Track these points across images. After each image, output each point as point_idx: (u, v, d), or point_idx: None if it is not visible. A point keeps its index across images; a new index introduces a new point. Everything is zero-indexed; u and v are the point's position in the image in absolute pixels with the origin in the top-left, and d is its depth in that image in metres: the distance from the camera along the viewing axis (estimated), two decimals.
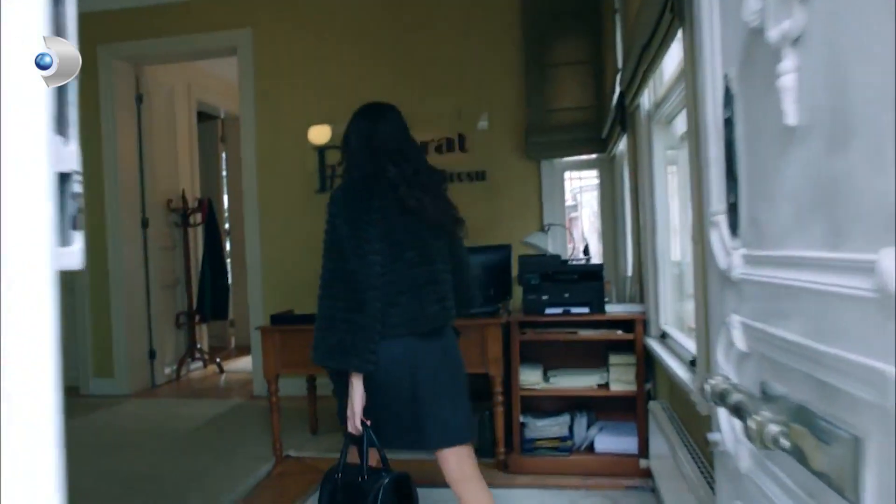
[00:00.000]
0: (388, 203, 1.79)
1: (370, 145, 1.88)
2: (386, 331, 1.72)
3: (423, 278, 1.80)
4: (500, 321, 3.09)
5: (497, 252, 3.41)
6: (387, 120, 1.93)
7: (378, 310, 1.70)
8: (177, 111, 6.03)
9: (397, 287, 1.76)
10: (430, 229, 1.85)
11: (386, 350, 1.73)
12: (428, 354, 1.81)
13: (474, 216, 4.75)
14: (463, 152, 4.64)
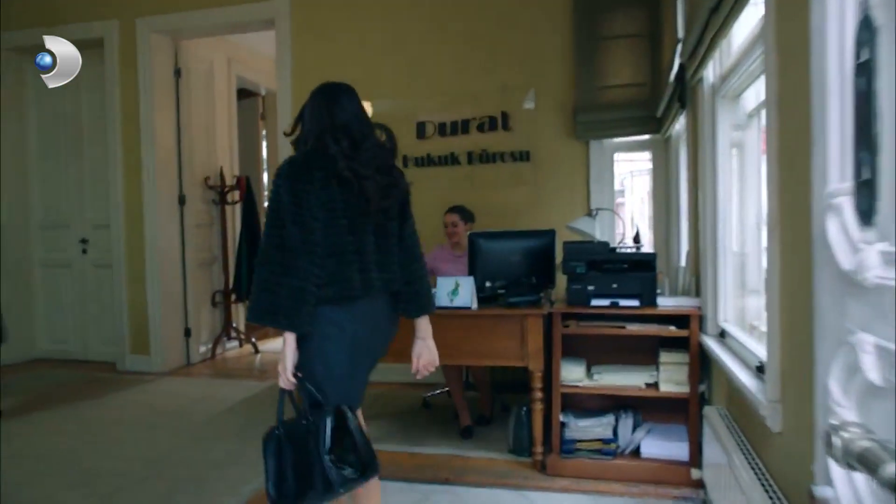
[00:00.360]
0: (329, 174, 1.87)
1: (320, 122, 1.97)
2: (321, 293, 1.81)
3: (352, 246, 1.89)
4: (541, 312, 2.86)
5: (540, 237, 3.17)
6: (339, 101, 2.01)
7: (312, 274, 1.80)
8: (216, 87, 5.93)
9: (328, 251, 1.85)
10: (368, 203, 1.92)
11: (329, 314, 1.85)
12: (364, 317, 1.92)
13: (516, 199, 4.55)
14: (506, 131, 4.39)
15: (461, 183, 4.46)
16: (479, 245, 3.13)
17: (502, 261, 3.11)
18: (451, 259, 3.72)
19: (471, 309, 2.93)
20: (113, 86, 5.19)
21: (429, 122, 4.52)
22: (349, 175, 1.87)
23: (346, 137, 1.92)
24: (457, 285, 2.96)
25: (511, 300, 2.95)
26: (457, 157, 4.47)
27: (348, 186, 1.88)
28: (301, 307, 1.78)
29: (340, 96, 2.03)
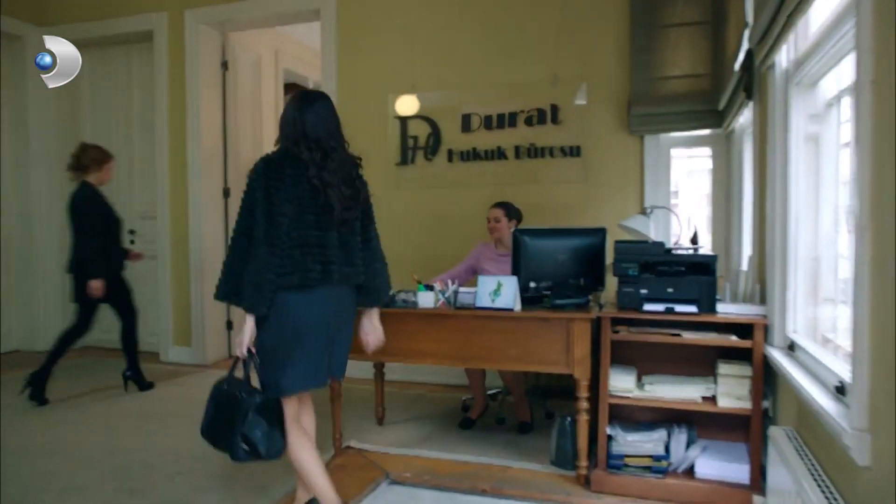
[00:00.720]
0: (299, 174, 2.07)
1: (295, 129, 2.14)
2: (280, 280, 2.01)
3: (315, 241, 2.08)
4: (589, 315, 2.67)
5: (590, 235, 2.97)
6: (314, 109, 2.17)
7: (273, 263, 2.00)
8: (263, 79, 5.91)
9: (293, 242, 2.04)
10: (333, 211, 2.12)
11: (289, 299, 2.05)
12: (322, 302, 2.12)
13: (566, 195, 4.34)
14: (556, 125, 4.19)
15: (508, 178, 4.28)
16: (524, 243, 2.95)
17: (548, 260, 2.92)
18: (493, 258, 3.55)
19: (513, 311, 2.76)
20: (161, 78, 5.21)
21: (474, 115, 4.36)
22: (317, 183, 2.08)
23: (318, 148, 2.10)
24: (499, 285, 2.80)
25: (557, 302, 2.77)
26: (504, 151, 4.30)
27: (316, 190, 2.08)
28: (260, 293, 2.00)
29: (316, 105, 2.19)
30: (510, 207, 3.57)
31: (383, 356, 3.05)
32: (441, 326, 2.88)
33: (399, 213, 4.56)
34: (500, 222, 3.51)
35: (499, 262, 3.50)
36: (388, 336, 2.96)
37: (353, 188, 2.19)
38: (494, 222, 3.52)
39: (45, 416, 3.75)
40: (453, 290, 2.91)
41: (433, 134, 4.47)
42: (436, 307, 2.89)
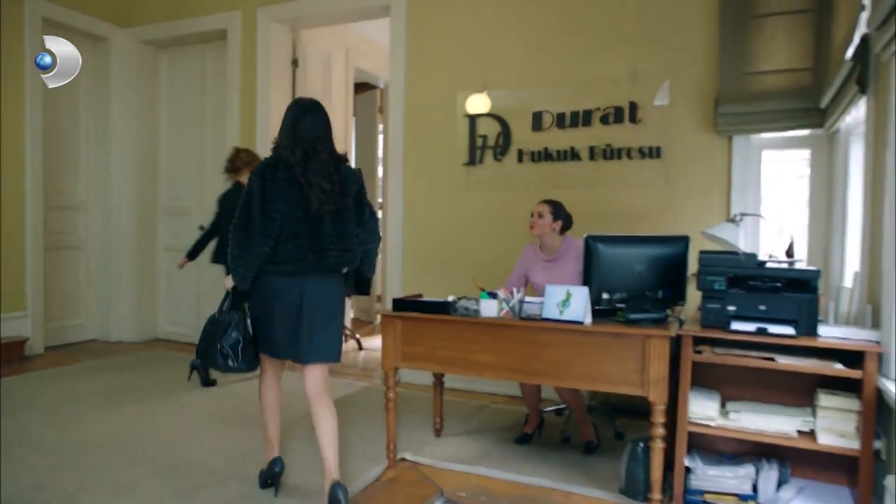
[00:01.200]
0: (290, 176, 2.36)
1: (289, 134, 2.43)
2: (277, 267, 2.39)
3: (306, 233, 2.38)
4: (668, 333, 2.40)
5: (670, 244, 2.70)
6: (305, 116, 2.45)
7: (260, 251, 2.36)
8: (333, 77, 5.88)
9: (286, 235, 2.37)
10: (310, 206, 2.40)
11: (277, 282, 2.41)
12: (309, 289, 2.42)
13: (644, 200, 4.04)
14: (634, 124, 3.90)
15: (581, 181, 4.03)
16: (596, 250, 2.71)
17: (624, 270, 2.66)
18: (541, 265, 3.30)
19: (583, 324, 2.52)
20: (233, 76, 5.26)
21: (546, 113, 4.13)
22: (303, 181, 2.35)
23: (301, 150, 2.37)
24: (568, 296, 2.57)
25: (632, 317, 2.51)
26: (577, 152, 4.05)
27: (303, 188, 2.36)
28: (248, 275, 2.39)
29: (306, 113, 2.45)
30: (559, 207, 3.28)
31: (440, 366, 2.88)
32: (504, 338, 2.68)
33: (466, 215, 4.39)
34: (542, 218, 3.24)
35: (547, 270, 3.26)
36: (447, 345, 2.79)
37: (332, 183, 2.41)
38: (537, 217, 3.25)
39: (105, 409, 3.79)
40: (518, 300, 2.71)
41: (503, 133, 4.28)
42: (499, 317, 2.70)
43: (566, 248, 3.24)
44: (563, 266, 3.20)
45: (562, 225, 3.26)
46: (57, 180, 5.53)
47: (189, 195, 5.86)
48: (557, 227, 3.24)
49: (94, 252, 5.84)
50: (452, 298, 2.80)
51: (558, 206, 3.27)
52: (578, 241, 3.10)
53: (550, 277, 3.15)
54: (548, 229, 3.23)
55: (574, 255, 3.15)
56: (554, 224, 3.23)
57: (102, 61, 5.75)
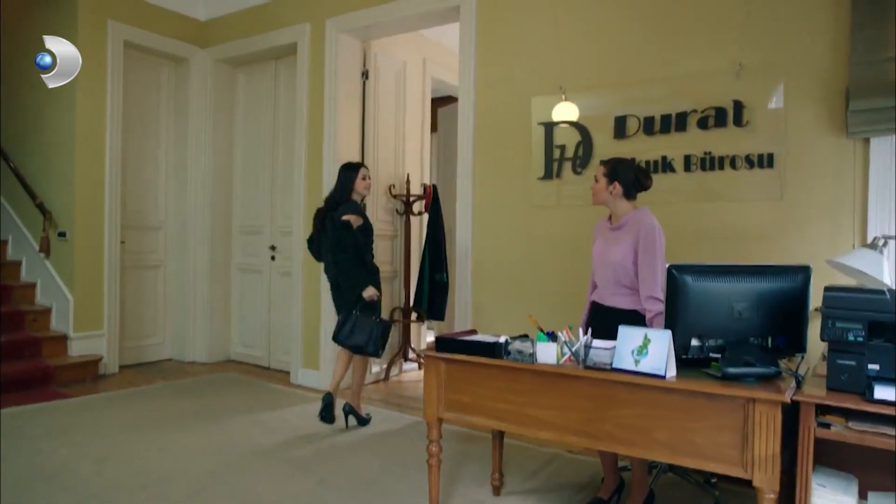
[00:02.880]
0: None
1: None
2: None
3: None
4: (780, 397, 1.81)
5: (784, 276, 2.08)
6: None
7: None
8: (408, 88, 5.59)
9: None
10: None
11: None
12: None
13: (752, 219, 3.36)
14: (740, 127, 3.27)
15: (674, 196, 3.44)
16: (683, 284, 2.13)
17: (720, 309, 2.08)
18: (604, 232, 2.78)
19: (664, 379, 1.98)
20: (302, 90, 5.07)
21: (631, 117, 3.57)
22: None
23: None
24: (646, 341, 2.03)
25: (730, 371, 1.94)
26: (670, 161, 3.46)
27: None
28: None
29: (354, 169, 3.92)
30: (617, 166, 2.72)
31: (490, 420, 2.40)
32: (565, 390, 2.18)
33: (541, 235, 3.89)
34: (597, 182, 2.72)
35: (606, 238, 2.73)
36: (498, 395, 2.32)
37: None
38: (594, 181, 2.75)
39: (150, 439, 3.61)
40: (584, 343, 2.19)
41: (583, 142, 3.76)
42: (559, 364, 2.20)
43: (633, 215, 2.67)
44: (622, 239, 2.63)
45: (622, 189, 2.68)
46: (137, 201, 5.58)
47: (261, 214, 5.74)
48: (616, 191, 2.68)
49: (172, 272, 5.85)
50: (505, 339, 2.33)
51: (616, 166, 2.72)
52: (643, 213, 2.62)
53: (605, 250, 2.67)
54: (604, 194, 2.71)
55: (632, 228, 2.61)
56: (611, 187, 2.68)
57: (182, 82, 5.79)
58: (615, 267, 2.60)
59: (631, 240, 2.58)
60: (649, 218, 2.60)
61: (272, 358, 5.62)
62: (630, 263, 2.55)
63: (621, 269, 2.58)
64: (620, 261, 2.57)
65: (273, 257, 5.60)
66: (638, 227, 2.57)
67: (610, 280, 2.64)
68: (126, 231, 5.44)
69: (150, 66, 5.65)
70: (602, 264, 2.67)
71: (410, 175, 5.57)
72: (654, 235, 2.52)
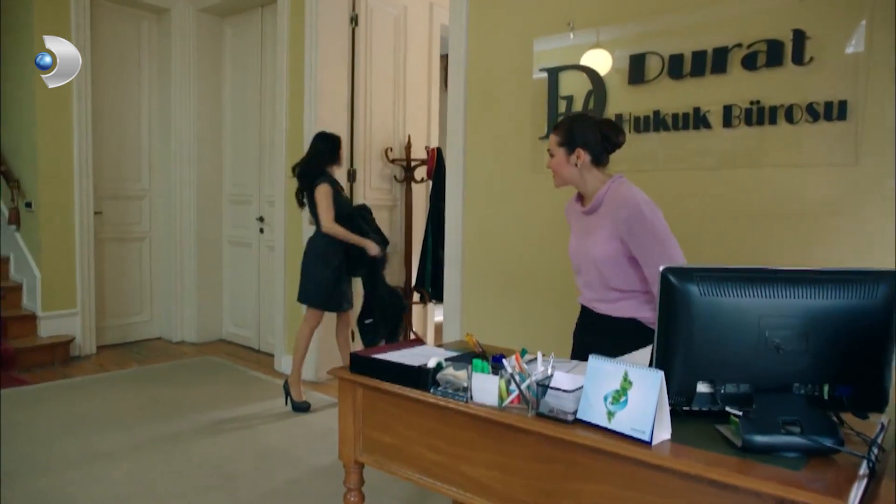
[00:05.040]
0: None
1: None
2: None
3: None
4: (847, 485, 1.08)
5: (855, 287, 1.31)
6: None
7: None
8: (409, 38, 4.85)
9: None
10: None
11: None
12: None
13: (819, 189, 2.47)
14: (800, 65, 2.42)
15: (710, 160, 2.64)
16: (683, 298, 1.35)
17: (744, 338, 1.32)
18: (577, 217, 2.03)
19: (649, 445, 1.26)
20: (283, 40, 4.42)
21: (652, 55, 2.76)
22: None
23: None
24: (626, 382, 1.32)
25: (756, 440, 1.21)
26: (704, 115, 2.65)
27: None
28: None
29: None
30: (569, 127, 1.95)
31: (416, 472, 1.71)
32: (509, 446, 1.50)
33: (543, 210, 3.15)
34: (553, 158, 1.96)
35: (580, 226, 2.00)
36: (425, 440, 1.67)
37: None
38: (550, 159, 1.98)
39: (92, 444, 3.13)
40: (537, 380, 1.49)
41: (594, 92, 2.97)
42: (502, 408, 1.51)
43: (607, 190, 1.91)
44: (599, 226, 1.90)
45: (589, 156, 1.92)
46: (116, 168, 5.10)
47: (249, 182, 5.18)
48: (583, 161, 1.91)
49: (158, 245, 5.39)
50: (435, 363, 1.65)
51: (571, 127, 1.94)
52: (619, 183, 1.88)
53: (582, 242, 1.95)
54: (567, 170, 1.94)
55: (608, 209, 1.87)
56: (573, 157, 1.92)
57: (164, 36, 5.22)
58: (598, 265, 1.87)
59: (610, 226, 1.84)
60: (627, 189, 1.86)
61: (262, 340, 5.12)
62: (620, 257, 1.82)
63: (607, 267, 1.86)
64: (603, 256, 1.85)
65: (262, 230, 5.05)
66: (616, 209, 1.82)
67: (595, 281, 1.92)
68: (104, 201, 4.99)
69: (128, 18, 5.11)
70: (583, 262, 1.95)
71: (413, 137, 4.87)
72: (644, 213, 1.77)
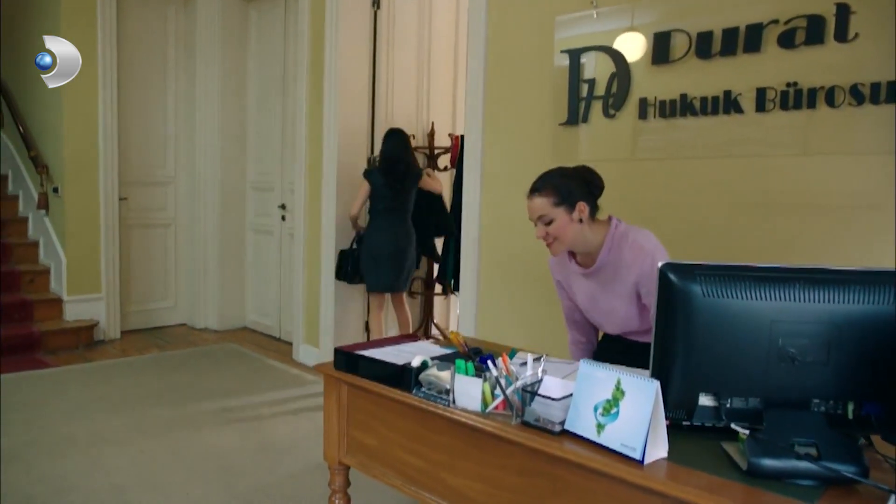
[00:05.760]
0: None
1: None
2: None
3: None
4: None
5: (884, 290, 1.14)
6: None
7: None
8: (434, 21, 4.71)
9: None
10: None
11: None
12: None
13: (858, 182, 2.28)
14: (842, 42, 2.20)
15: (743, 147, 2.43)
16: (684, 299, 1.18)
17: (754, 345, 1.15)
18: (577, 274, 1.90)
19: (641, 464, 1.12)
20: (304, 24, 4.33)
21: (678, 33, 2.56)
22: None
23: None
24: (618, 392, 1.18)
25: (765, 464, 1.06)
26: (735, 98, 2.44)
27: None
28: None
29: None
30: (556, 182, 1.80)
31: (399, 477, 1.60)
32: (492, 456, 1.37)
33: None
34: (553, 223, 1.77)
35: (582, 282, 1.88)
36: (408, 443, 1.55)
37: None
38: (543, 226, 1.79)
39: (94, 433, 3.12)
40: (524, 386, 1.35)
41: (617, 74, 2.79)
42: (485, 413, 1.38)
43: (612, 244, 1.79)
44: (614, 286, 1.80)
45: (588, 209, 1.79)
46: (142, 154, 5.12)
47: (272, 169, 5.13)
48: (585, 215, 1.78)
49: (183, 231, 5.40)
50: (419, 362, 1.54)
51: (556, 181, 1.81)
52: (621, 236, 1.78)
53: (592, 301, 1.86)
54: (574, 230, 1.78)
55: (623, 261, 1.76)
56: (575, 214, 1.77)
57: (190, 22, 5.20)
58: (623, 321, 1.86)
59: (629, 282, 1.78)
60: (635, 235, 1.80)
61: (282, 328, 5.08)
62: (642, 305, 1.81)
63: (633, 319, 1.85)
64: (628, 315, 1.84)
65: (283, 217, 5.00)
66: (632, 263, 1.76)
67: (620, 327, 1.90)
68: (130, 187, 5.01)
69: (154, 4, 5.10)
70: (604, 320, 1.92)
71: (437, 124, 4.74)
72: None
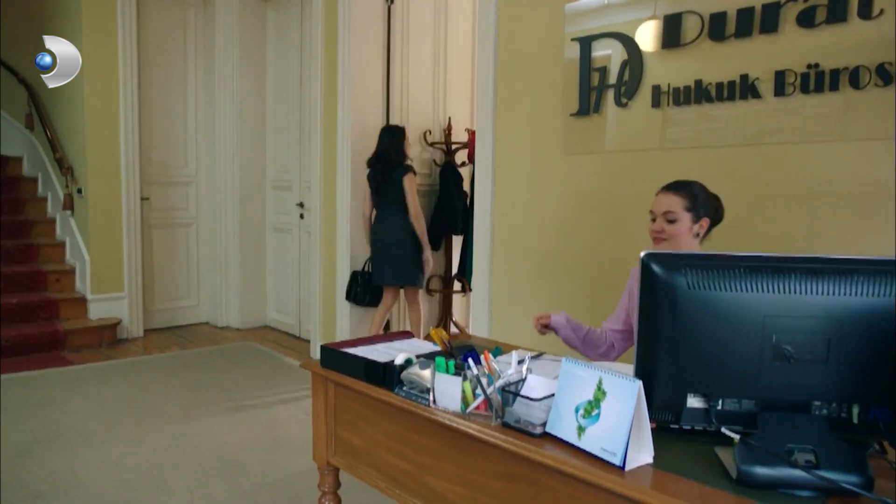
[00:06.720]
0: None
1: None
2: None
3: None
4: None
5: (891, 282, 1.03)
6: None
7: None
8: (450, 15, 4.65)
9: None
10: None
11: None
12: None
13: (884, 170, 2.15)
14: (866, 20, 2.06)
15: (758, 135, 2.31)
16: (669, 292, 1.10)
17: (746, 343, 1.07)
18: None
19: (622, 471, 1.04)
20: (318, 20, 4.31)
21: (689, 15, 2.44)
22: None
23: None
24: (600, 392, 1.09)
25: (757, 472, 0.96)
26: (752, 82, 2.31)
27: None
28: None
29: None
30: (699, 194, 1.74)
31: (384, 479, 1.53)
32: (472, 459, 1.30)
33: (573, 192, 2.90)
34: (675, 223, 1.70)
35: None
36: (392, 444, 1.49)
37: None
38: (664, 222, 1.72)
39: (94, 435, 3.15)
40: (505, 385, 1.28)
41: (629, 62, 2.68)
42: (465, 413, 1.31)
43: None
44: None
45: (709, 223, 1.75)
46: (163, 154, 5.17)
47: (291, 168, 5.14)
48: (703, 230, 1.74)
49: (205, 231, 5.44)
50: (403, 360, 1.47)
51: (697, 193, 1.74)
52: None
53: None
54: (684, 241, 1.72)
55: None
56: (696, 226, 1.72)
57: (209, 23, 5.24)
58: None
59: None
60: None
61: (302, 327, 5.08)
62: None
63: None
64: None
65: (301, 215, 5.00)
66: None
67: None
68: (151, 187, 5.07)
69: (174, 6, 5.14)
70: None
71: (453, 119, 4.68)
72: None
